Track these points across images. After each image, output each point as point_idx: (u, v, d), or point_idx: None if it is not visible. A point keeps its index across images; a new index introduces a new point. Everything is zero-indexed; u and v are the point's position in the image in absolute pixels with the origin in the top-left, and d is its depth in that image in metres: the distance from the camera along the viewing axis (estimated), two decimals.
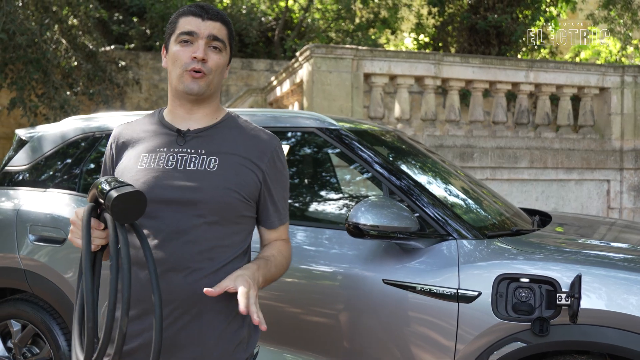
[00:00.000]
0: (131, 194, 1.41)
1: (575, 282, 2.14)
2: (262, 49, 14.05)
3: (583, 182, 6.75)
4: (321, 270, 2.58)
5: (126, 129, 1.76)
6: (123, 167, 1.67)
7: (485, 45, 12.28)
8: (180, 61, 1.62)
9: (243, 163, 1.65)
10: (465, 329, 2.30)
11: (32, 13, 8.44)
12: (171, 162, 1.62)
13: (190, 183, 1.59)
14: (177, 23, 1.66)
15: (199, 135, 1.67)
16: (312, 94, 6.10)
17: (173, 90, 1.68)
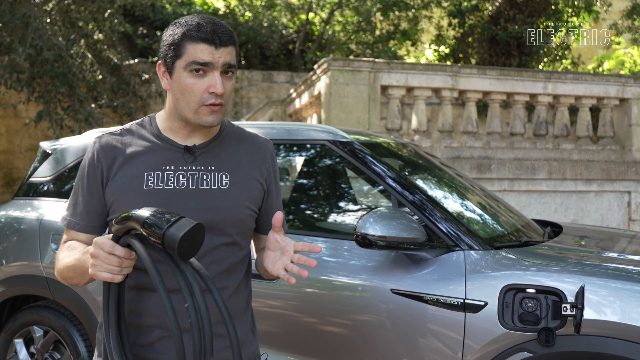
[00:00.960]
0: (193, 229, 1.30)
1: (578, 293, 2.16)
2: (283, 62, 14.20)
3: (603, 193, 6.70)
4: (331, 279, 2.64)
5: (116, 141, 1.60)
6: (123, 186, 1.54)
7: (505, 56, 12.26)
8: (195, 95, 1.51)
9: (250, 174, 1.64)
10: (472, 339, 2.33)
11: (59, 28, 8.68)
12: (182, 181, 1.55)
13: (207, 204, 1.55)
14: (185, 48, 1.51)
15: (206, 151, 1.61)
16: (329, 106, 6.18)
17: (182, 116, 1.57)
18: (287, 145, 3.14)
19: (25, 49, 7.05)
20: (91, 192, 1.58)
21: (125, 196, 1.53)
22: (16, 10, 7.17)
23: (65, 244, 1.61)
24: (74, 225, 1.60)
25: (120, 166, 1.56)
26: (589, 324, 2.17)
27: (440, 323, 2.39)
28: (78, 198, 1.61)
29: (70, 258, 1.52)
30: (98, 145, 1.60)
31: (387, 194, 2.80)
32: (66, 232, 1.64)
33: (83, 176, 1.60)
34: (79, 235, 1.60)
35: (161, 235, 1.28)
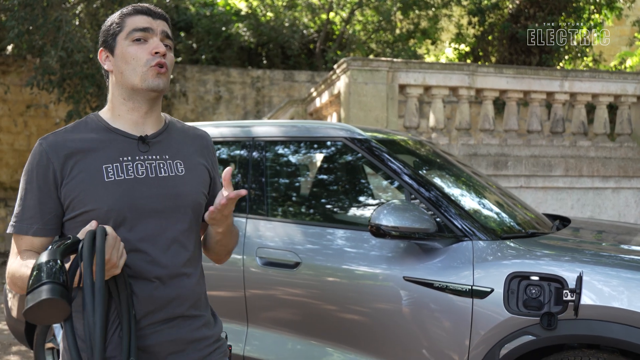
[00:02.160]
0: (43, 302, 1.25)
1: (577, 280, 2.31)
2: (304, 61, 14.38)
3: (620, 190, 6.76)
4: (346, 268, 2.81)
5: (63, 139, 1.57)
6: (82, 182, 1.53)
7: (526, 54, 12.28)
8: (139, 59, 1.56)
9: (199, 162, 1.71)
10: (479, 323, 2.49)
11: (88, 31, 8.98)
12: (141, 170, 1.58)
13: (168, 190, 1.60)
14: (124, 23, 1.59)
15: (157, 141, 1.64)
16: (348, 105, 6.35)
17: (128, 92, 1.60)
18: (307, 143, 3.32)
19: (57, 52, 7.34)
20: (43, 194, 1.53)
21: (86, 190, 1.52)
22: (48, 14, 7.47)
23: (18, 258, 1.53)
24: (26, 230, 1.54)
25: (74, 163, 1.54)
26: (587, 309, 2.32)
27: (449, 308, 2.55)
28: (26, 202, 1.55)
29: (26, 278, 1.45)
30: (46, 145, 1.55)
31: (402, 188, 2.96)
32: (16, 239, 1.57)
33: (31, 179, 1.54)
34: (33, 241, 1.55)
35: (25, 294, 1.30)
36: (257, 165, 3.22)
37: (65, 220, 1.56)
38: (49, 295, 1.25)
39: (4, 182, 11.57)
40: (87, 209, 1.52)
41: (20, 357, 4.71)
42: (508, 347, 2.44)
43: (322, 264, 2.85)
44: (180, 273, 1.61)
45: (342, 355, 2.76)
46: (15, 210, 1.58)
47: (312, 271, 2.87)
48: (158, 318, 1.58)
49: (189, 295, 1.63)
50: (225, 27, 13.57)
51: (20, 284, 1.51)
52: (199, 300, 1.68)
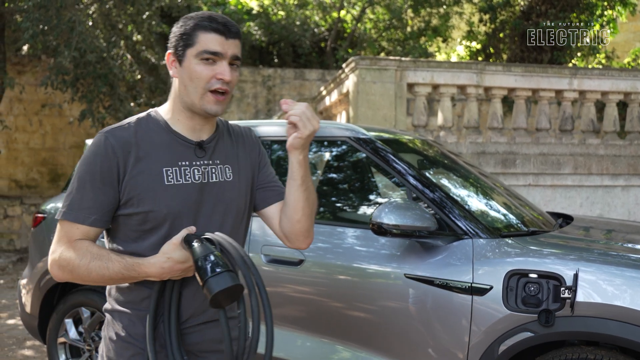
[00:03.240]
0: (231, 288, 1.43)
1: (573, 277, 2.35)
2: (315, 59, 14.43)
3: (630, 188, 6.74)
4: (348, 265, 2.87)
5: (128, 135, 1.61)
6: (144, 182, 1.58)
7: (537, 52, 12.22)
8: (202, 80, 1.59)
9: (245, 163, 1.77)
10: (478, 320, 2.53)
11: (101, 31, 9.10)
12: (197, 176, 1.64)
13: (218, 196, 1.67)
14: (197, 37, 1.59)
15: (210, 146, 1.70)
16: (357, 103, 6.39)
17: (187, 104, 1.63)
18: (312, 142, 3.37)
19: (71, 52, 7.45)
20: (106, 186, 1.57)
21: (147, 192, 1.58)
22: (62, 15, 7.58)
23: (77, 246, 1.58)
24: (83, 220, 1.57)
25: (136, 161, 1.58)
26: (583, 306, 2.35)
27: (449, 305, 2.59)
28: (86, 192, 1.57)
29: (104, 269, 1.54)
30: (112, 139, 1.58)
31: (401, 185, 3.01)
32: (69, 227, 1.59)
33: (94, 170, 1.57)
34: (88, 231, 1.58)
35: (204, 281, 1.44)
36: None
37: (119, 214, 1.61)
38: (235, 282, 1.43)
39: (19, 180, 11.75)
40: (146, 210, 1.58)
41: (34, 352, 4.82)
42: (507, 343, 2.47)
43: (325, 262, 2.91)
44: None
45: (351, 353, 2.81)
46: (69, 198, 1.59)
47: (315, 268, 2.93)
48: (201, 320, 1.67)
49: None
50: None
51: (83, 275, 1.56)
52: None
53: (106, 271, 1.54)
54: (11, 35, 9.35)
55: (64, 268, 1.58)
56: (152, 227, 1.60)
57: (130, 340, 1.62)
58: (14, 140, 11.69)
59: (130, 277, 1.57)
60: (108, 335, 1.66)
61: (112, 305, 1.68)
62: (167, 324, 1.60)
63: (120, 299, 1.66)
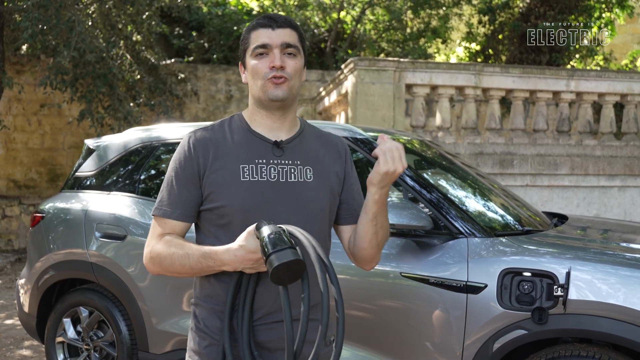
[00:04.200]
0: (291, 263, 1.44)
1: (566, 275, 2.37)
2: (314, 60, 14.46)
3: (626, 188, 6.78)
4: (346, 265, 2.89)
5: (209, 135, 1.71)
6: (221, 178, 1.66)
7: (536, 53, 12.27)
8: (260, 73, 1.66)
9: (330, 168, 1.77)
10: (473, 318, 2.55)
11: (100, 31, 9.12)
12: (273, 174, 1.67)
13: (295, 196, 1.68)
14: (249, 38, 1.69)
15: (291, 146, 1.73)
16: (356, 104, 6.42)
17: (257, 101, 1.71)
18: None
19: (70, 52, 7.47)
20: (188, 182, 1.67)
21: (224, 187, 1.65)
22: (62, 15, 7.60)
23: (164, 238, 1.67)
24: (169, 214, 1.67)
25: (215, 159, 1.67)
26: (576, 304, 2.38)
27: (444, 303, 2.62)
28: (172, 189, 1.68)
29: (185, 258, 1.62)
30: (194, 139, 1.70)
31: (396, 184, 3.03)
32: (159, 222, 1.70)
33: (178, 168, 1.68)
34: (175, 225, 1.68)
35: (265, 258, 1.46)
36: None
37: (202, 209, 1.69)
38: (296, 257, 1.44)
39: (18, 181, 11.77)
40: (221, 204, 1.65)
41: (32, 352, 4.84)
42: (501, 341, 2.50)
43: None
44: None
45: (350, 352, 2.82)
46: (160, 196, 1.71)
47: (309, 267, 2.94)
48: (275, 318, 1.67)
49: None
50: (236, 26, 13.68)
51: (167, 264, 1.65)
52: (318, 304, 1.71)
53: (187, 260, 1.62)
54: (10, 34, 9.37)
55: (154, 260, 1.68)
56: (228, 221, 1.66)
57: (207, 332, 1.70)
58: (12, 140, 11.70)
59: (208, 266, 1.62)
60: (190, 326, 1.76)
61: (195, 299, 1.76)
62: (240, 318, 1.64)
63: (201, 293, 1.73)
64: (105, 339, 3.57)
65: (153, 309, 3.31)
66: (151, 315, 3.31)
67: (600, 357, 2.37)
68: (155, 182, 3.59)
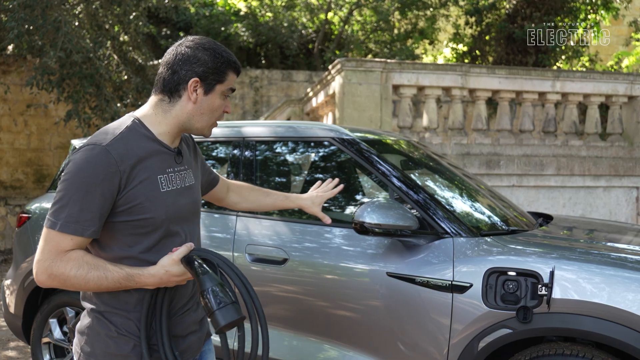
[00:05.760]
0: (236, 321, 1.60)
1: (550, 274, 2.40)
2: (302, 61, 14.47)
3: (611, 189, 6.85)
4: (332, 264, 2.90)
5: (124, 145, 1.66)
6: (144, 191, 1.66)
7: (522, 54, 12.35)
8: (217, 112, 1.79)
9: (196, 164, 1.97)
10: (458, 317, 2.57)
11: (87, 31, 9.06)
12: (179, 182, 1.78)
13: (192, 198, 1.84)
14: (227, 75, 1.76)
15: (181, 153, 1.84)
16: (343, 105, 6.44)
17: (190, 125, 1.76)
18: (296, 143, 3.40)
19: (56, 52, 7.42)
20: (106, 200, 1.61)
21: (148, 200, 1.66)
22: (48, 15, 7.55)
23: (70, 256, 1.61)
24: (82, 232, 1.60)
25: (137, 172, 1.65)
26: (560, 303, 2.41)
27: (430, 302, 2.64)
28: (85, 204, 1.59)
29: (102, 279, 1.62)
30: (115, 154, 1.62)
31: (383, 184, 3.05)
32: (62, 238, 1.60)
33: (95, 184, 1.59)
34: (82, 241, 1.62)
35: (211, 312, 1.59)
36: (248, 164, 3.31)
37: (117, 221, 1.66)
38: (239, 315, 1.61)
39: (4, 181, 11.67)
40: (147, 216, 1.67)
41: (17, 353, 4.80)
42: (486, 340, 2.52)
43: (309, 260, 2.94)
44: None
45: (338, 352, 2.84)
46: (66, 210, 1.59)
47: (299, 267, 2.96)
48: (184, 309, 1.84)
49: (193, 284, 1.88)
50: (224, 27, 13.66)
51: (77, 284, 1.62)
52: None
53: (104, 281, 1.62)
54: None
55: (55, 277, 1.61)
56: (148, 231, 1.70)
57: (129, 335, 1.73)
58: None
59: (127, 286, 1.66)
60: (104, 332, 1.72)
61: (104, 306, 1.73)
62: (159, 322, 1.75)
63: (113, 303, 1.72)
64: None
65: None
66: None
67: (584, 356, 2.39)
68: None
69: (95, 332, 1.72)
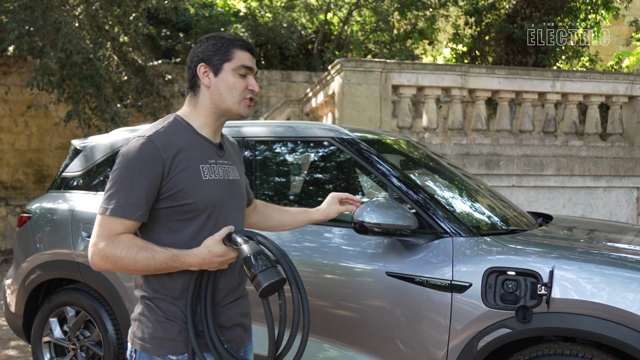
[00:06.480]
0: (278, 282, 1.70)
1: (549, 274, 2.40)
2: (302, 61, 14.47)
3: (612, 189, 6.85)
4: (331, 264, 2.90)
5: (168, 137, 1.81)
6: (186, 178, 1.79)
7: (522, 55, 12.34)
8: (239, 90, 1.88)
9: (242, 167, 2.10)
10: (458, 316, 2.57)
11: (87, 32, 9.07)
12: (222, 173, 1.91)
13: (235, 191, 1.97)
14: (233, 54, 1.87)
15: (224, 148, 1.98)
16: (342, 105, 6.44)
17: (221, 109, 1.89)
18: (295, 142, 3.41)
19: (57, 53, 7.43)
20: (152, 186, 1.75)
21: (189, 186, 1.79)
22: (48, 16, 7.56)
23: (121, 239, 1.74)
24: (131, 215, 1.73)
25: (178, 160, 1.79)
26: (560, 303, 2.41)
27: (429, 302, 2.64)
28: (133, 190, 1.73)
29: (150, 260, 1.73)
30: (157, 142, 1.77)
31: (382, 184, 3.05)
32: (113, 222, 1.74)
33: (140, 170, 1.74)
34: (131, 225, 1.75)
35: (254, 276, 1.69)
36: (248, 164, 3.31)
37: (161, 207, 1.80)
38: (280, 276, 1.71)
39: (4, 182, 11.67)
40: (189, 202, 1.80)
41: (18, 352, 4.81)
42: (485, 339, 2.52)
43: (308, 260, 2.94)
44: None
45: (338, 351, 2.84)
46: (116, 195, 1.75)
47: (299, 267, 2.96)
48: (231, 299, 1.93)
49: (244, 278, 2.00)
50: (223, 27, 13.66)
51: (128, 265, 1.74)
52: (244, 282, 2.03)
53: (152, 261, 1.74)
54: None
55: (108, 259, 1.74)
56: (192, 217, 1.82)
57: (175, 320, 1.83)
58: None
59: (173, 267, 1.76)
60: (153, 317, 1.84)
61: (152, 294, 1.85)
62: (203, 306, 1.82)
63: (160, 289, 1.84)
64: (92, 339, 3.57)
65: None
66: None
67: (584, 356, 2.39)
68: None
69: (146, 318, 1.85)
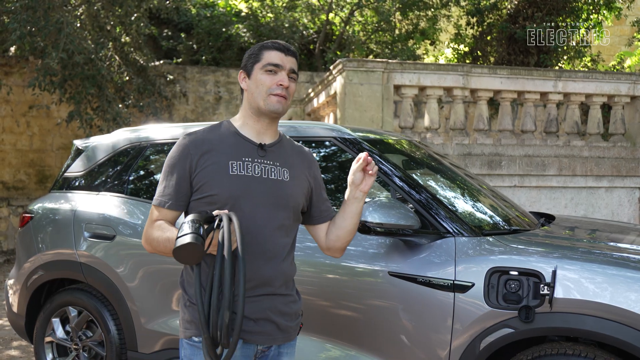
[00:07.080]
0: (185, 246, 1.72)
1: (552, 274, 2.40)
2: (304, 61, 14.47)
3: (613, 189, 6.84)
4: (333, 263, 2.90)
5: (202, 136, 2.02)
6: (212, 172, 1.96)
7: (524, 55, 12.33)
8: (267, 86, 1.99)
9: (303, 173, 2.13)
10: (460, 316, 2.57)
11: (89, 32, 9.08)
12: (257, 170, 2.00)
13: (275, 190, 2.01)
14: (262, 55, 2.03)
15: (272, 150, 2.06)
16: (344, 105, 6.44)
17: (254, 108, 2.03)
18: (299, 142, 3.40)
19: (58, 53, 7.44)
20: (181, 178, 1.98)
21: (214, 179, 1.96)
22: (50, 16, 7.57)
23: (156, 223, 2.00)
24: (164, 204, 1.99)
25: (206, 156, 1.98)
26: (563, 303, 2.40)
27: (432, 302, 2.63)
28: (167, 183, 2.00)
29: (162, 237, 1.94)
30: (189, 140, 2.01)
31: (384, 184, 3.05)
32: (155, 210, 2.02)
33: (174, 165, 2.00)
34: (166, 213, 2.00)
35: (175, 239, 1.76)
36: None
37: (192, 200, 1.99)
38: (192, 240, 1.72)
39: (6, 182, 11.69)
40: (212, 193, 1.95)
41: (20, 352, 4.81)
42: (488, 339, 2.52)
43: (310, 260, 2.94)
44: (278, 255, 2.01)
45: (340, 351, 2.83)
46: (158, 187, 2.04)
47: (300, 267, 2.95)
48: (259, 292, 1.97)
49: (281, 275, 2.02)
50: (225, 28, 13.66)
51: (155, 245, 1.98)
52: (289, 281, 2.08)
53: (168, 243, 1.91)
54: None
55: (148, 241, 2.01)
56: (217, 207, 1.92)
57: None
58: (1, 141, 11.61)
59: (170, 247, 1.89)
60: (183, 302, 2.03)
61: (183, 279, 2.06)
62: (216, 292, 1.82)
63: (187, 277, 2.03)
64: (94, 339, 3.56)
65: (142, 308, 3.31)
66: (140, 314, 3.31)
67: (587, 356, 2.39)
68: (144, 183, 3.59)
69: (182, 304, 2.05)
